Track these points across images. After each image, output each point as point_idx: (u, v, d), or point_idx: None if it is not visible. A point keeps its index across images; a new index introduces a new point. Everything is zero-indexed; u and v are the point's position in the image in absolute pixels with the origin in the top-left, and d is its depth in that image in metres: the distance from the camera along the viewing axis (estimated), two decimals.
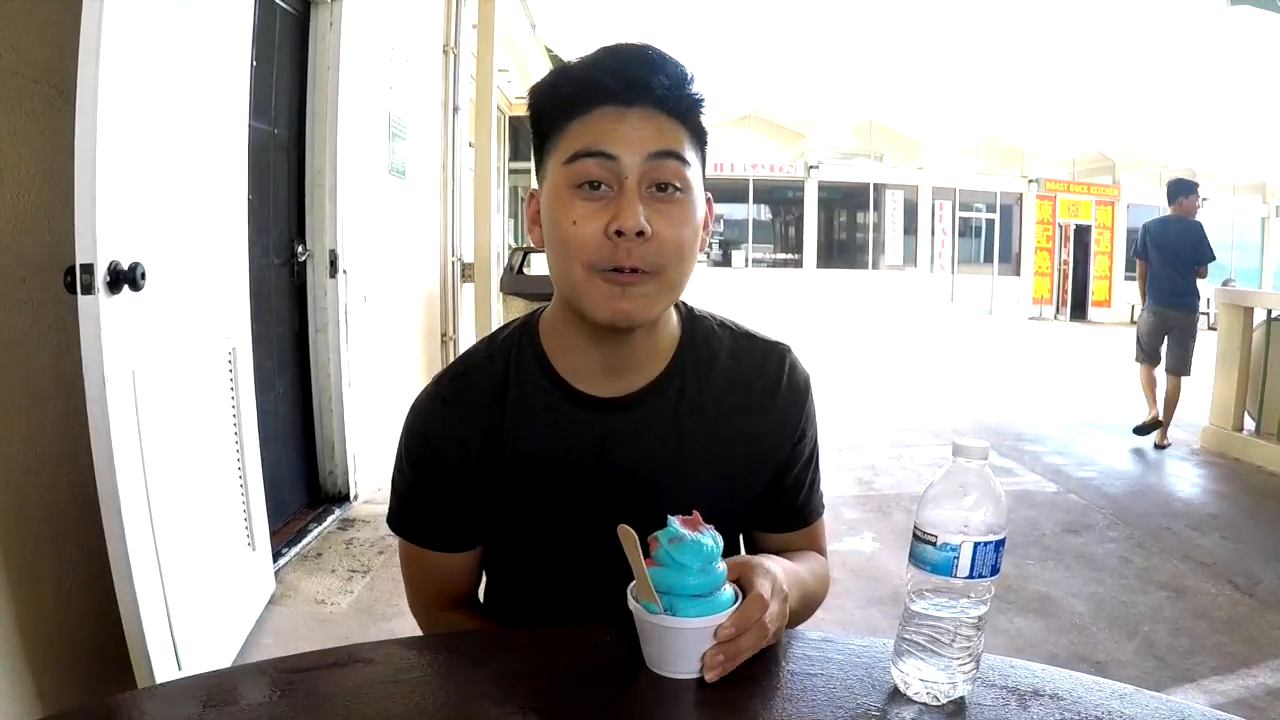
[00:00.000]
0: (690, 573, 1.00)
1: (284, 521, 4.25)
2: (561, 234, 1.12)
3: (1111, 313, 25.31)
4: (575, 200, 1.11)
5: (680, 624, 0.99)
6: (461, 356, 1.35)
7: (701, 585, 1.00)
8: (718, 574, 1.02)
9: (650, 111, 1.12)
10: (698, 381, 1.27)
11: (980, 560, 0.92)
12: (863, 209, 25.60)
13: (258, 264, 3.67)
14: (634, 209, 1.09)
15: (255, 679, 1.07)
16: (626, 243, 1.09)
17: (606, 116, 1.11)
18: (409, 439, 1.30)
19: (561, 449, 1.21)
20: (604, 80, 1.11)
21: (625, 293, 1.12)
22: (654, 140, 1.11)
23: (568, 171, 1.11)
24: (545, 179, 1.18)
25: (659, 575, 1.01)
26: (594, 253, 1.10)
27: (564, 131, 1.14)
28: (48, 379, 2.37)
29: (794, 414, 1.31)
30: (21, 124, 2.27)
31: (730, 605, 1.01)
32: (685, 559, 1.00)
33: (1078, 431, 7.81)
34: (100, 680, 2.53)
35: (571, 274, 1.14)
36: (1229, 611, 3.85)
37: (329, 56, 4.42)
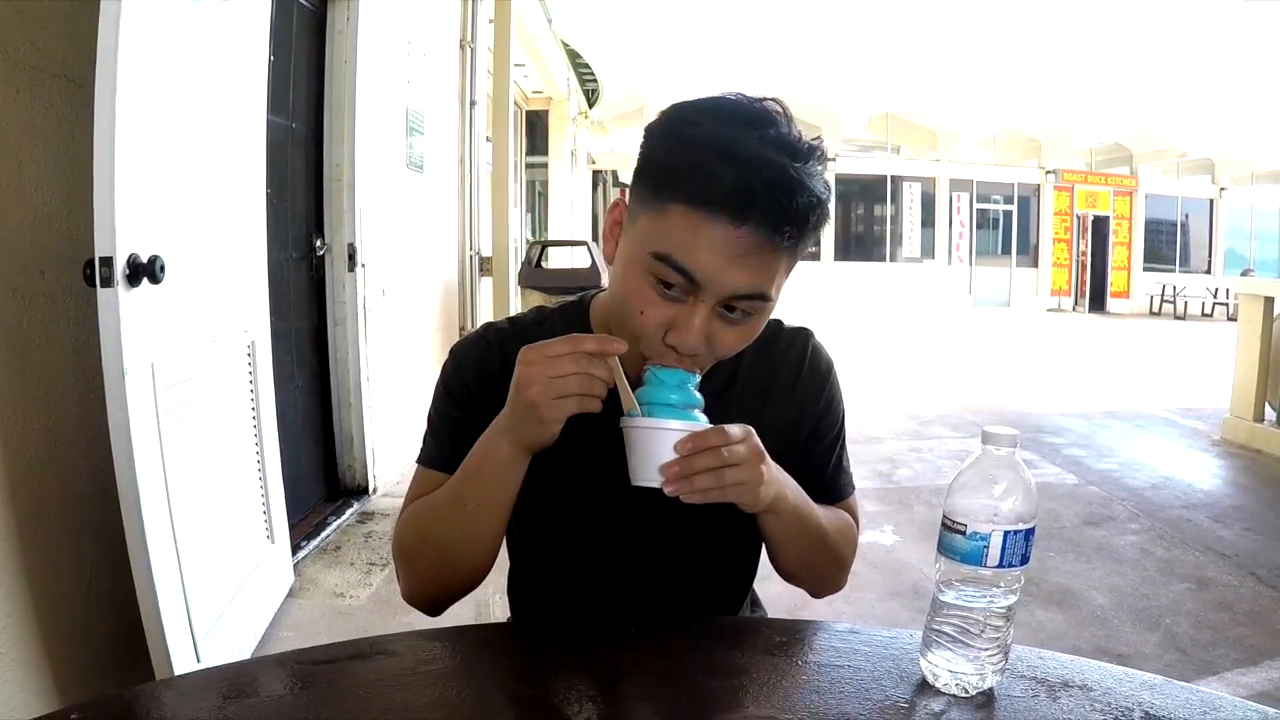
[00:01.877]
0: (667, 388, 1.09)
1: (303, 515, 4.25)
2: (627, 309, 1.12)
3: (1130, 304, 25.20)
4: (649, 290, 1.08)
5: (648, 423, 1.06)
6: (510, 317, 1.37)
7: (674, 399, 1.09)
8: (692, 396, 1.10)
9: (760, 240, 1.04)
10: (730, 369, 1.29)
11: (1010, 549, 0.91)
12: (880, 201, 25.52)
13: (276, 258, 3.67)
14: (696, 333, 1.08)
15: (276, 671, 1.06)
16: (677, 354, 1.10)
17: (712, 230, 1.03)
18: (448, 374, 1.31)
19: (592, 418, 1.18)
20: (725, 191, 1.02)
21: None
22: (746, 279, 1.06)
23: (652, 264, 1.07)
24: (635, 229, 1.12)
25: (641, 390, 1.10)
26: (648, 345, 1.12)
27: (669, 206, 1.06)
28: (67, 372, 2.38)
29: (817, 397, 1.34)
30: (41, 117, 2.27)
31: (699, 424, 1.08)
32: (664, 377, 1.09)
33: (1097, 423, 7.76)
34: (119, 673, 2.53)
35: (628, 333, 1.12)
36: (1251, 604, 3.83)
37: (346, 51, 4.42)
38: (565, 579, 1.33)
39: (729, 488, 1.04)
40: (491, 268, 6.92)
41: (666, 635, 1.12)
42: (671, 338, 1.08)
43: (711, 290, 1.05)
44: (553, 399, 1.04)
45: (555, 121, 16.08)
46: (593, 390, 1.05)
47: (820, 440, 1.35)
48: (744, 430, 1.07)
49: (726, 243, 1.03)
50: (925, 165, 25.41)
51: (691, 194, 1.03)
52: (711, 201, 1.02)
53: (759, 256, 1.05)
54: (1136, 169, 26.36)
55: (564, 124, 16.15)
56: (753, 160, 1.03)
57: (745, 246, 1.03)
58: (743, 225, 1.02)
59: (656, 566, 1.28)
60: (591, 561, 1.27)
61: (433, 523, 1.22)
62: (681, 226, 1.04)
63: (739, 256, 1.04)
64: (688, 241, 1.04)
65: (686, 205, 1.04)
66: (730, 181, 1.01)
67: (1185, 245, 26.95)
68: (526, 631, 1.19)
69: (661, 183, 1.07)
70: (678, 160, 1.06)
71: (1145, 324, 21.50)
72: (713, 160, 1.03)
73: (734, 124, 1.06)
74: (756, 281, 1.07)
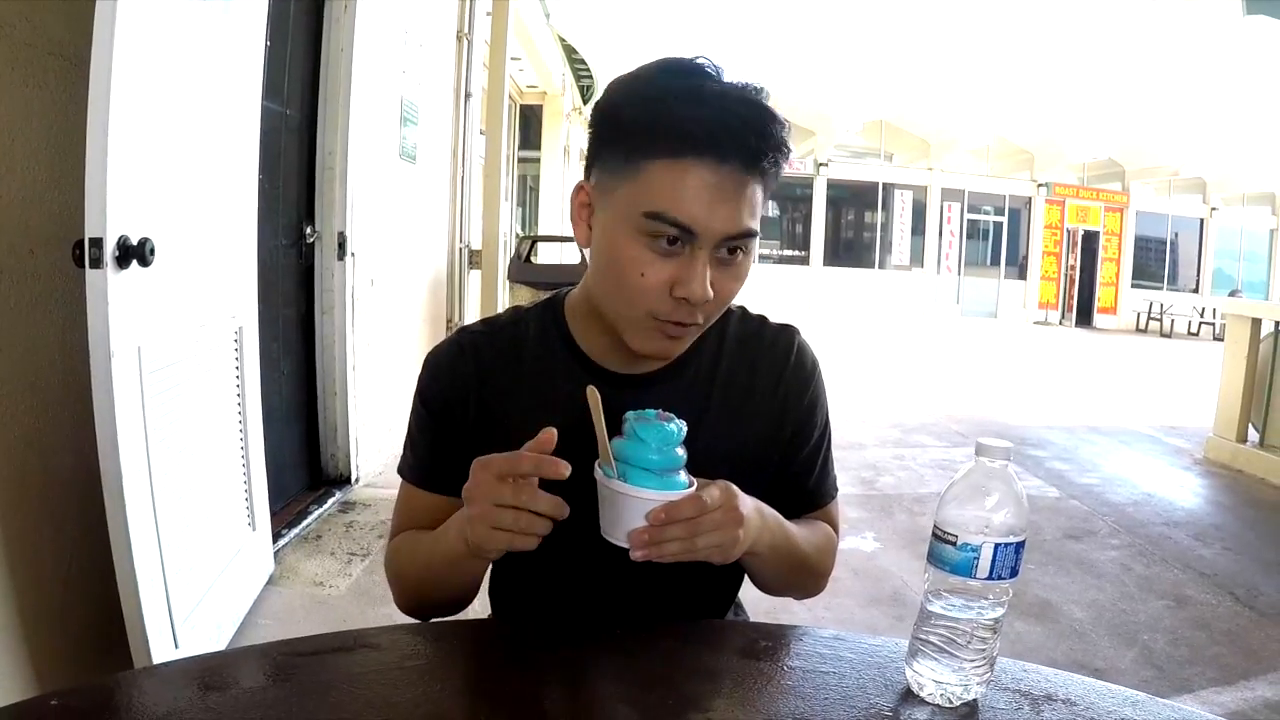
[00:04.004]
0: (647, 449, 1.04)
1: (285, 503, 4.24)
2: (626, 278, 1.12)
3: (1117, 320, 25.30)
4: (646, 251, 1.10)
5: (623, 490, 1.03)
6: (486, 318, 1.38)
7: (655, 462, 1.04)
8: (674, 457, 1.06)
9: (739, 174, 1.08)
10: (711, 364, 1.30)
11: (1000, 561, 0.91)
12: (871, 208, 25.58)
13: (266, 244, 3.66)
14: (704, 281, 1.10)
15: (258, 661, 1.06)
16: (689, 305, 1.11)
17: (696, 174, 1.06)
18: (423, 383, 1.32)
19: (573, 416, 1.18)
20: (700, 136, 1.06)
21: (674, 341, 1.17)
22: (736, 219, 1.09)
23: (644, 224, 1.09)
24: (613, 202, 1.13)
25: (620, 445, 1.06)
26: (656, 305, 1.12)
27: (647, 166, 1.08)
28: (53, 353, 2.36)
29: (801, 395, 1.33)
30: (34, 96, 2.25)
31: (678, 490, 1.04)
32: (645, 435, 1.05)
33: (1081, 438, 7.79)
34: (97, 657, 2.52)
35: (626, 313, 1.16)
36: (1229, 623, 3.84)
37: (343, 39, 4.41)
38: (548, 579, 1.32)
39: (700, 550, 1.04)
40: (481, 261, 6.91)
41: (650, 637, 1.12)
42: (679, 291, 1.10)
43: (708, 236, 1.08)
44: (490, 528, 1.03)
45: (549, 117, 16.06)
46: (531, 529, 1.02)
47: (805, 441, 1.34)
48: (723, 493, 1.06)
49: (713, 184, 1.07)
50: (917, 173, 25.46)
51: (671, 145, 1.07)
52: (693, 146, 1.06)
53: (744, 192, 1.09)
54: (1128, 185, 26.47)
55: (558, 119, 16.12)
56: (722, 98, 1.08)
57: (731, 184, 1.08)
58: (725, 163, 1.06)
59: (641, 568, 1.28)
60: (575, 562, 1.26)
61: (410, 570, 1.27)
62: (666, 180, 1.07)
63: (727, 196, 1.08)
64: (677, 192, 1.07)
65: (668, 158, 1.07)
66: (707, 122, 1.05)
67: (1174, 263, 27.08)
68: (509, 629, 1.18)
69: (635, 146, 1.09)
70: (647, 119, 1.09)
71: (1131, 340, 21.59)
72: (684, 108, 1.06)
73: (686, 75, 1.11)
74: (747, 219, 1.10)
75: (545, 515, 1.02)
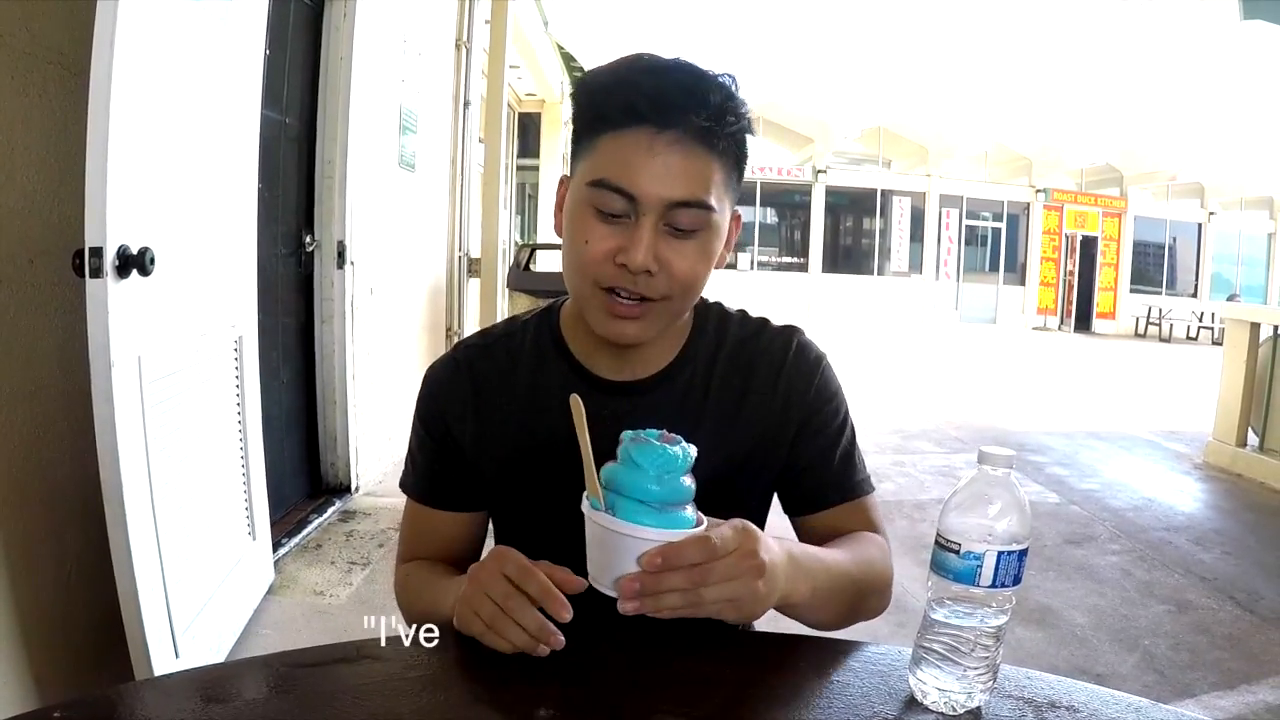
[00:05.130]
0: (644, 476, 0.93)
1: (285, 512, 4.23)
2: (575, 248, 1.14)
3: (1115, 325, 25.31)
4: (593, 220, 1.12)
5: (612, 526, 0.92)
6: (480, 331, 1.39)
7: (653, 494, 0.93)
8: (678, 488, 0.94)
9: (681, 139, 1.09)
10: (707, 368, 1.29)
11: (1003, 570, 0.91)
12: (869, 215, 25.56)
13: (266, 253, 3.66)
14: (642, 246, 1.10)
15: (260, 672, 1.05)
16: (631, 274, 1.11)
17: (636, 142, 1.09)
18: (422, 402, 1.32)
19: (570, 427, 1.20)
20: (638, 103, 1.08)
21: (626, 321, 1.15)
22: (678, 184, 1.09)
23: (589, 193, 1.12)
24: (573, 179, 1.18)
25: (612, 471, 0.96)
26: (599, 272, 1.13)
27: (595, 143, 1.13)
28: (53, 362, 2.36)
29: (806, 387, 1.29)
30: (34, 105, 2.26)
31: (680, 529, 0.93)
32: (643, 460, 0.93)
33: (1080, 443, 7.79)
34: (97, 665, 2.52)
35: (579, 287, 1.17)
36: (1230, 627, 3.84)
37: (342, 48, 4.42)
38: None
39: (708, 604, 0.95)
40: (480, 269, 6.90)
41: (653, 646, 1.12)
42: (620, 258, 1.10)
43: (649, 203, 1.09)
44: (471, 611, 1.02)
45: (548, 125, 16.04)
46: (504, 633, 1.00)
47: (819, 433, 1.29)
48: (739, 534, 0.96)
49: (654, 151, 1.09)
50: (916, 180, 25.46)
51: (615, 117, 1.10)
52: (634, 115, 1.09)
53: (690, 162, 1.10)
54: (1126, 191, 26.49)
55: (556, 128, 16.11)
56: (666, 69, 1.12)
57: (674, 152, 1.09)
58: (666, 129, 1.08)
59: None
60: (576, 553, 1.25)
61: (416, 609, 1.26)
62: (611, 150, 1.11)
63: (670, 164, 1.09)
64: (619, 160, 1.10)
65: (614, 130, 1.11)
66: (647, 90, 1.08)
67: (1173, 268, 27.10)
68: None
69: (589, 126, 1.14)
70: (597, 99, 1.14)
71: (1130, 345, 21.59)
72: (628, 81, 1.11)
73: (640, 59, 1.14)
74: (691, 188, 1.10)
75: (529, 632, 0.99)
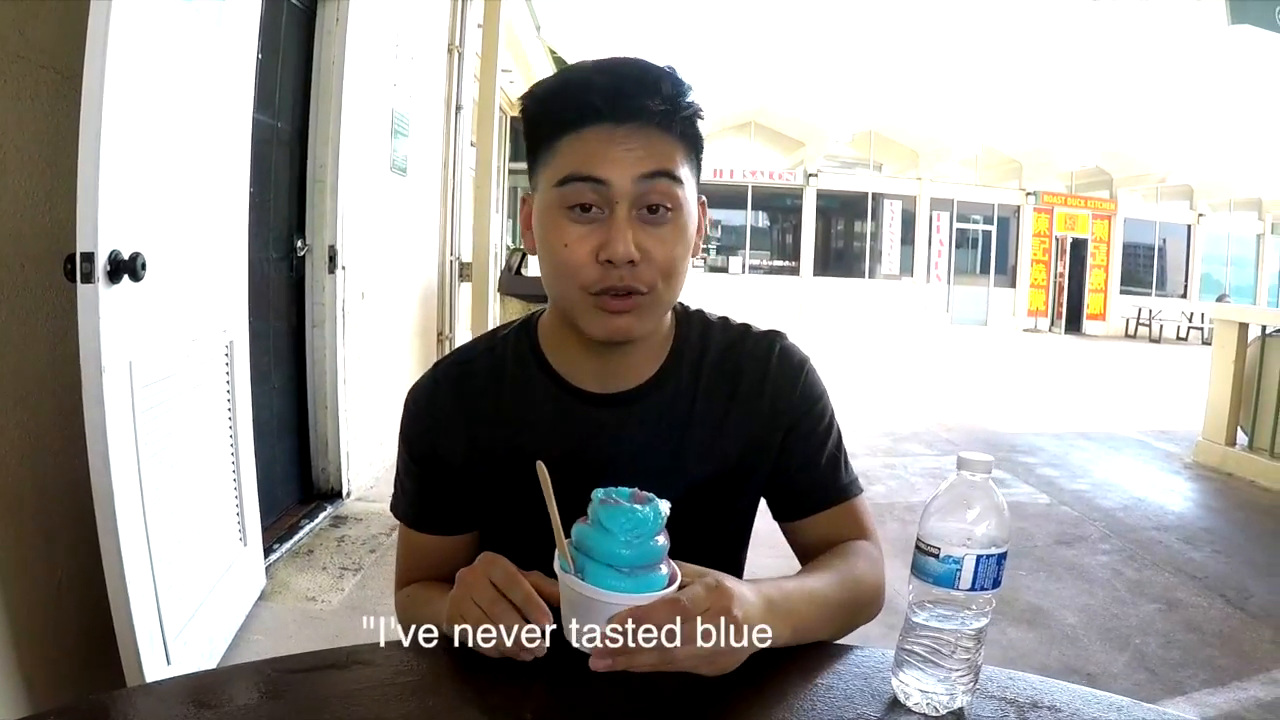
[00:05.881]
0: (614, 541, 0.93)
1: (276, 517, 4.23)
2: (554, 255, 1.14)
3: (1106, 326, 25.33)
4: (567, 223, 1.12)
5: (581, 590, 0.93)
6: (461, 347, 1.37)
7: (623, 558, 0.93)
8: (648, 550, 0.95)
9: (642, 128, 1.11)
10: (693, 376, 1.28)
11: (982, 573, 0.92)
12: (860, 218, 25.55)
13: (257, 258, 3.66)
14: (624, 236, 1.10)
15: (252, 678, 1.06)
16: (617, 269, 1.11)
17: (597, 136, 1.11)
18: (406, 425, 1.32)
19: (558, 442, 1.21)
20: (595, 101, 1.10)
21: (619, 317, 1.15)
22: (645, 161, 1.11)
23: (559, 194, 1.12)
24: (538, 191, 1.18)
25: (582, 534, 0.96)
26: (585, 276, 1.12)
27: (555, 147, 1.14)
28: (44, 367, 2.36)
29: (790, 392, 1.30)
30: (27, 109, 2.26)
31: (650, 591, 0.94)
32: (612, 525, 0.93)
33: (1071, 444, 7.81)
34: (88, 671, 2.52)
35: (566, 294, 1.16)
36: (1220, 625, 3.87)
37: (334, 52, 4.42)
38: None
39: (682, 661, 0.95)
40: (471, 273, 6.90)
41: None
42: (604, 254, 1.10)
43: (621, 187, 1.10)
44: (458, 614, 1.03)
45: None
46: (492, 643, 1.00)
47: (807, 437, 1.30)
48: (712, 593, 0.96)
49: (615, 140, 1.11)
50: (906, 183, 25.46)
51: (572, 118, 1.12)
52: (592, 112, 1.11)
53: (652, 144, 1.12)
54: (1116, 193, 26.52)
55: None
56: (613, 67, 1.14)
57: (636, 139, 1.11)
58: (625, 122, 1.11)
59: None
60: None
61: None
62: (574, 148, 1.12)
63: (632, 145, 1.11)
64: (584, 154, 1.11)
65: (573, 131, 1.12)
66: (600, 88, 1.11)
67: (1162, 269, 27.13)
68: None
69: (547, 133, 1.15)
70: (550, 105, 1.16)
71: (1120, 346, 21.63)
72: (579, 83, 1.13)
73: (582, 63, 1.18)
74: (658, 161, 1.12)
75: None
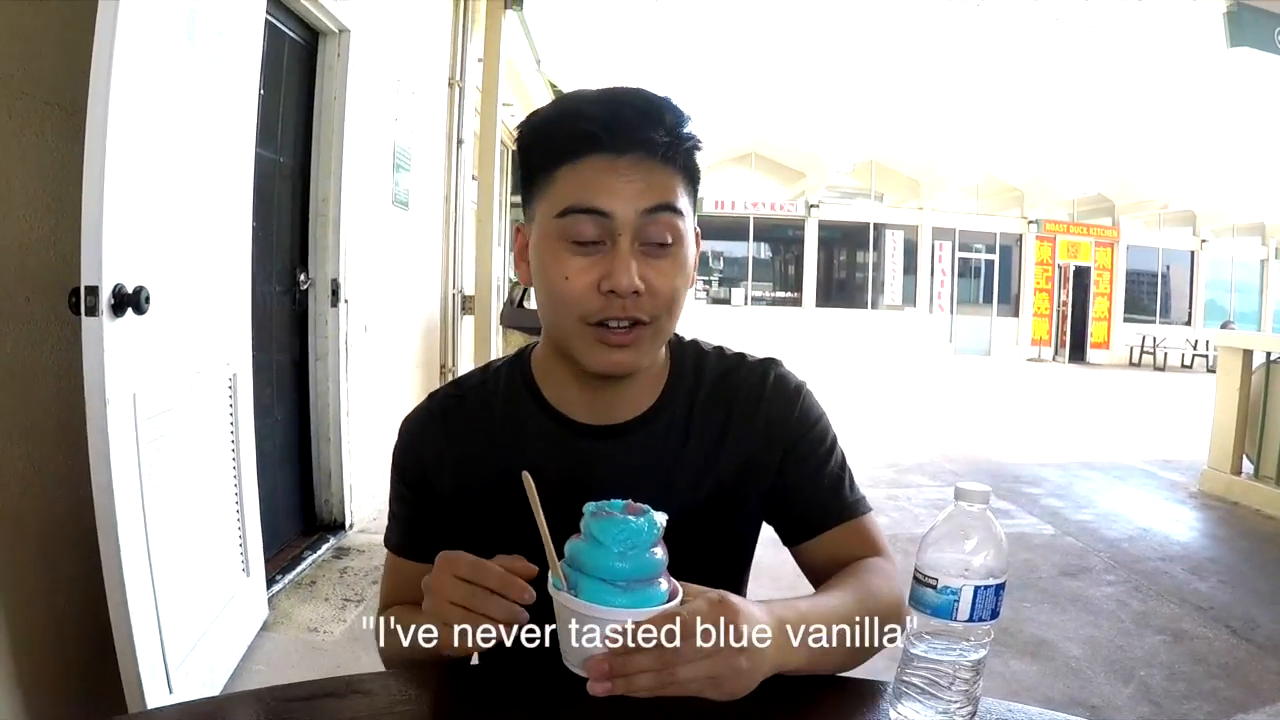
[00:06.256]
0: (607, 554, 0.89)
1: (279, 548, 4.23)
2: (553, 287, 1.12)
3: (1110, 354, 25.29)
4: (567, 254, 1.11)
5: (574, 607, 0.88)
6: (454, 380, 1.37)
7: (619, 571, 0.89)
8: (646, 562, 0.90)
9: (642, 159, 1.10)
10: (687, 407, 1.27)
11: (980, 604, 0.92)
12: (862, 248, 25.57)
13: (260, 291, 3.67)
14: (628, 268, 1.08)
15: (251, 706, 1.06)
16: (620, 300, 1.10)
17: (597, 167, 1.09)
18: (398, 454, 1.32)
19: (552, 474, 1.15)
20: (595, 131, 1.09)
21: (620, 350, 1.13)
22: (647, 195, 1.10)
23: (559, 225, 1.11)
24: (534, 222, 1.16)
25: (575, 549, 0.92)
26: (586, 307, 1.11)
27: (553, 177, 1.12)
28: (49, 398, 2.37)
29: (783, 421, 1.29)
30: (31, 144, 2.28)
31: (650, 607, 0.90)
32: (605, 537, 0.90)
33: (1075, 474, 7.79)
34: (90, 700, 2.51)
35: (564, 325, 1.15)
36: (1226, 656, 3.84)
37: (335, 87, 4.45)
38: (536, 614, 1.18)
39: (685, 683, 0.91)
40: (474, 306, 6.92)
41: None
42: (606, 284, 1.09)
43: (623, 219, 1.09)
44: (441, 624, 0.98)
45: None
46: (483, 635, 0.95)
47: (806, 459, 1.29)
48: (716, 608, 0.92)
49: (617, 171, 1.09)
50: (908, 213, 25.49)
51: (570, 148, 1.10)
52: (591, 144, 1.09)
53: (653, 176, 1.11)
54: (1118, 220, 26.54)
55: None
56: (613, 97, 1.13)
57: (637, 171, 1.10)
58: (625, 154, 1.09)
59: None
60: None
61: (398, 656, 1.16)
62: (573, 180, 1.10)
63: (634, 178, 1.09)
64: (584, 184, 1.10)
65: (571, 161, 1.10)
66: (601, 118, 1.09)
67: (1166, 296, 27.11)
68: (498, 671, 1.18)
69: (542, 163, 1.14)
70: (547, 134, 1.14)
71: (1125, 375, 21.60)
72: (577, 113, 1.12)
73: (579, 92, 1.17)
74: (661, 194, 1.11)
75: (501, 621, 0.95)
